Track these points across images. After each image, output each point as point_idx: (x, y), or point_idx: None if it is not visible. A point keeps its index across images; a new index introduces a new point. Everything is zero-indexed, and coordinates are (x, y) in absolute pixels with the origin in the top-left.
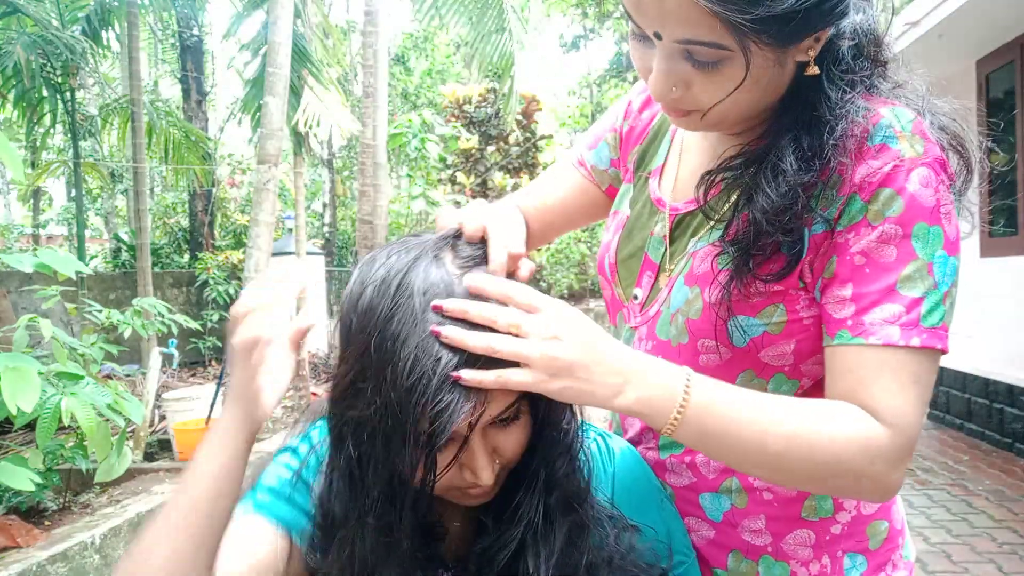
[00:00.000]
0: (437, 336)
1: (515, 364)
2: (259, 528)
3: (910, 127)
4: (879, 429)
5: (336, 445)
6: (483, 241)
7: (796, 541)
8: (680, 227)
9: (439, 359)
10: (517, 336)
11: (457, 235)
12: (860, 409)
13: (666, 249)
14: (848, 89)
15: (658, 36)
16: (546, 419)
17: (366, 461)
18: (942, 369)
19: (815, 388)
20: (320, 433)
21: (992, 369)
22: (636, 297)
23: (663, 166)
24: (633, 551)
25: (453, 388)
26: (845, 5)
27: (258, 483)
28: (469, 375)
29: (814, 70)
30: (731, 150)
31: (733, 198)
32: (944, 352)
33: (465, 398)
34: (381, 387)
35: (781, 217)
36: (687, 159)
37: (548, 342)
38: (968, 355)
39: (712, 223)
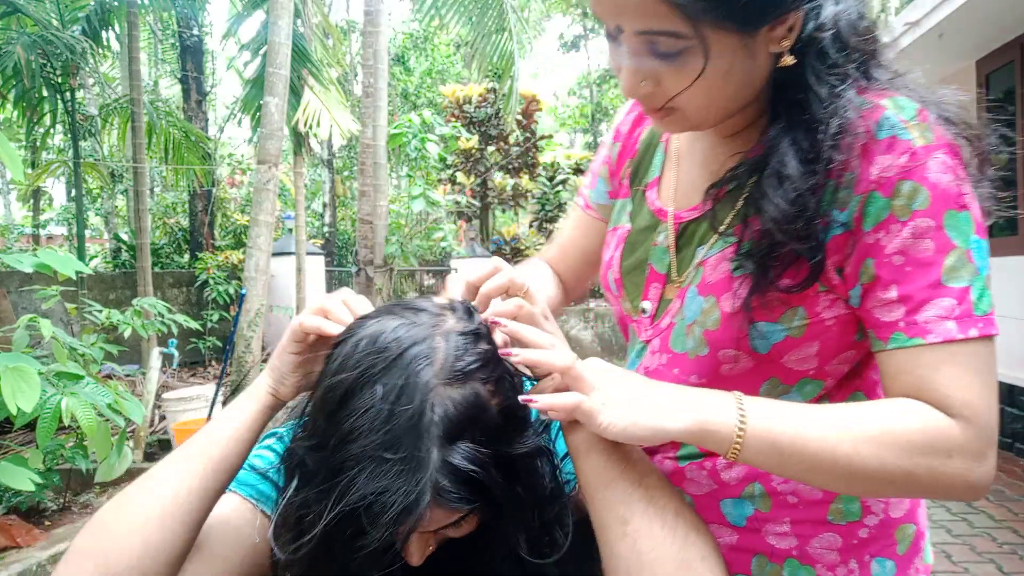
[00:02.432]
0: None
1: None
2: (239, 504)
3: (916, 116)
4: (949, 422)
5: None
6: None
7: (822, 544)
8: (685, 235)
9: (383, 499)
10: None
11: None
12: (925, 404)
13: (672, 259)
14: (837, 83)
15: (620, 30)
16: (512, 513)
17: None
18: None
19: (838, 388)
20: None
21: None
22: (644, 311)
23: (660, 177)
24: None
25: (396, 519)
26: None
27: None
28: (542, 400)
29: (788, 60)
30: (731, 160)
31: (738, 206)
32: (996, 335)
33: (396, 530)
34: (330, 496)
35: (793, 224)
36: (684, 167)
37: (603, 375)
38: None
39: (720, 232)
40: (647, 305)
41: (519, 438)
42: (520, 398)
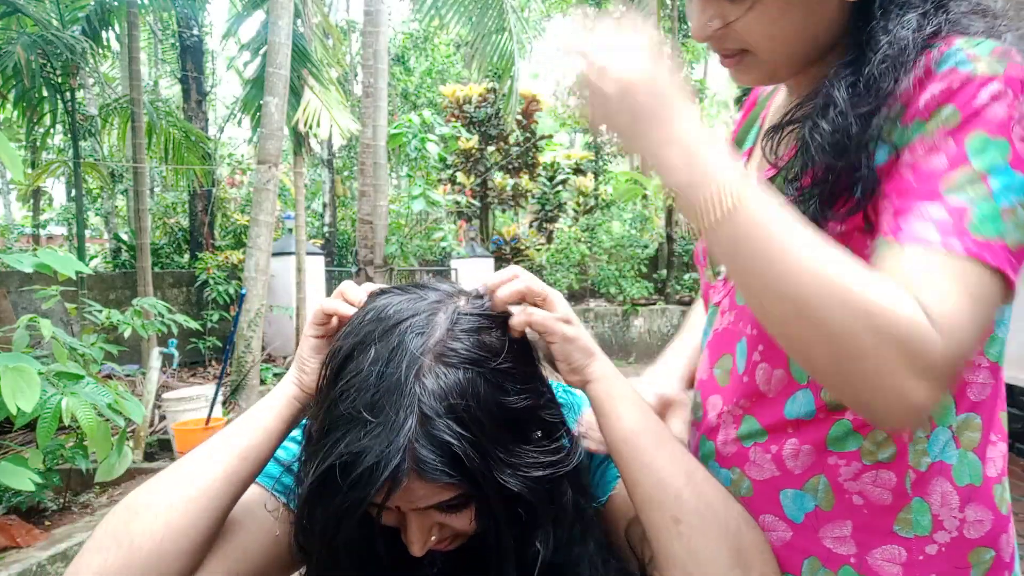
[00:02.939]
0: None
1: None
2: (261, 496)
3: (988, 51)
4: (927, 322)
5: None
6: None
7: (884, 556)
8: None
9: (365, 454)
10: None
11: (469, 297)
12: (916, 302)
13: None
14: (904, 13)
15: None
16: (516, 511)
17: (314, 520)
18: None
19: None
20: None
21: None
22: (719, 274)
23: (752, 148)
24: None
25: (369, 480)
26: None
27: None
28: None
29: None
30: (794, 103)
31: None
32: (1005, 276)
33: (376, 489)
34: (321, 453)
35: (835, 145)
36: None
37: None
38: None
39: (787, 181)
40: (722, 268)
41: (513, 431)
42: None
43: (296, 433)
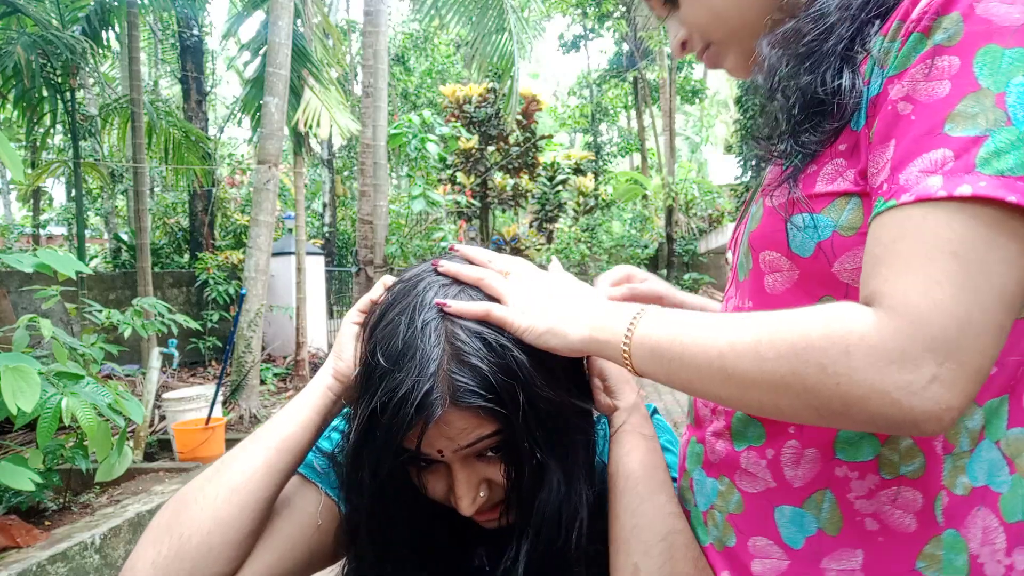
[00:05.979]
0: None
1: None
2: (305, 487)
3: None
4: (862, 314)
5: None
6: None
7: None
8: None
9: (407, 390)
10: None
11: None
12: (850, 303)
13: None
14: None
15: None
16: (541, 464)
17: (360, 465)
18: None
19: None
20: None
21: None
22: (728, 261)
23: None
24: None
25: (406, 408)
26: None
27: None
28: (454, 305)
29: None
30: None
31: None
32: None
33: (415, 418)
34: (363, 403)
35: (796, 53)
36: None
37: (522, 285)
38: None
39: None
40: (729, 255)
41: (540, 368)
42: (435, 301)
43: (339, 422)
